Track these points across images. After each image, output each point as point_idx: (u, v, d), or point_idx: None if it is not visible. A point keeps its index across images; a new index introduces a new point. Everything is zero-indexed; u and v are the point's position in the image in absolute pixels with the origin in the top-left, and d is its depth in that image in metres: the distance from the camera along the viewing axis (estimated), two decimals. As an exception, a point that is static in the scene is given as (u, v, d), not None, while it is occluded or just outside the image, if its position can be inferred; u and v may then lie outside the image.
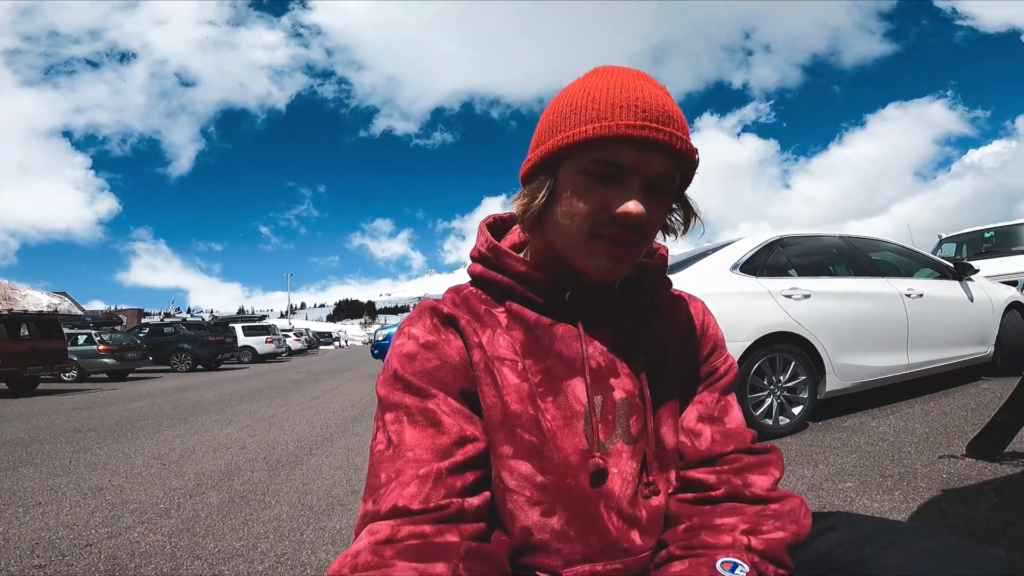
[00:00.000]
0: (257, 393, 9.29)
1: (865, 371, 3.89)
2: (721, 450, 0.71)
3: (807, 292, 3.76)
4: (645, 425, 0.70)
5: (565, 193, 0.66)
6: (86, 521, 2.78)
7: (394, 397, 0.65)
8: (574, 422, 0.67)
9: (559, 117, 0.66)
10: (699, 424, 0.73)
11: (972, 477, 2.39)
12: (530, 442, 0.66)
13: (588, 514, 0.66)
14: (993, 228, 8.94)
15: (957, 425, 3.35)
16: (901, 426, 3.49)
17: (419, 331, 0.70)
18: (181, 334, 18.46)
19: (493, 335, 0.70)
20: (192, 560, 2.24)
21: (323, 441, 4.70)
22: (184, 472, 3.74)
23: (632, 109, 0.62)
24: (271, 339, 23.55)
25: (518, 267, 0.72)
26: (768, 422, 3.56)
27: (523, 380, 0.68)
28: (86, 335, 14.37)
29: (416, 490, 0.58)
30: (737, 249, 3.92)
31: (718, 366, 0.79)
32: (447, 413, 0.64)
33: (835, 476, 2.64)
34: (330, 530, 2.54)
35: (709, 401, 0.76)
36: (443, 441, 0.62)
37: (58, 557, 2.32)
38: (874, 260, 4.56)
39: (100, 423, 6.23)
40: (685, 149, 0.64)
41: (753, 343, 3.47)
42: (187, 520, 2.73)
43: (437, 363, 0.67)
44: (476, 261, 0.77)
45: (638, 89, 0.64)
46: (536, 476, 0.65)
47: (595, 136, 0.62)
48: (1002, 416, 2.52)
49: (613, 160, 0.62)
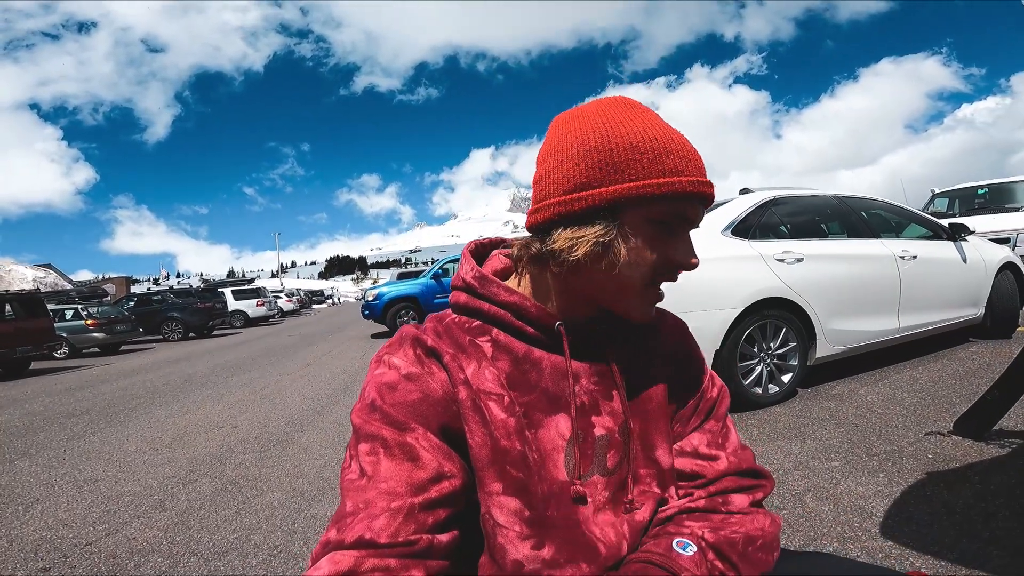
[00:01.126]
0: (249, 362, 9.30)
1: (856, 336, 3.89)
2: (736, 469, 0.76)
3: (800, 256, 3.71)
4: (623, 459, 0.72)
5: (631, 242, 0.65)
6: (84, 517, 2.80)
7: (370, 428, 0.63)
8: (555, 455, 0.69)
9: (619, 157, 0.64)
10: (712, 450, 0.77)
11: (957, 458, 2.41)
12: (517, 478, 0.66)
13: (576, 539, 0.67)
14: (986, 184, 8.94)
15: (945, 395, 3.38)
16: (889, 395, 3.52)
17: (400, 361, 0.68)
18: (170, 303, 18.34)
19: (479, 368, 0.69)
20: (188, 556, 2.26)
21: (314, 415, 4.72)
22: (176, 458, 3.75)
23: (692, 163, 0.66)
24: (262, 302, 23.43)
25: (505, 296, 0.72)
26: (758, 390, 3.57)
27: (509, 415, 0.67)
28: (73, 310, 14.22)
29: (385, 523, 0.57)
30: (730, 210, 3.84)
31: (711, 392, 0.81)
32: (426, 448, 0.63)
33: (822, 453, 2.67)
34: (321, 517, 2.56)
35: (716, 429, 0.79)
36: (420, 476, 0.61)
37: (61, 559, 2.35)
38: (868, 219, 4.49)
39: (93, 404, 6.23)
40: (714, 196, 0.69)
41: (744, 310, 3.44)
42: (181, 512, 2.74)
43: (418, 396, 0.65)
44: (460, 290, 0.76)
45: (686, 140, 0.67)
46: (524, 511, 0.66)
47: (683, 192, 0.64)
48: (992, 394, 2.52)
49: (688, 215, 0.66)
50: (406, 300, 11.74)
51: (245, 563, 2.17)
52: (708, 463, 0.76)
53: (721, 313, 3.40)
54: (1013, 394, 2.43)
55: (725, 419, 0.81)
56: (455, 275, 0.77)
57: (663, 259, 0.66)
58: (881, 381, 3.90)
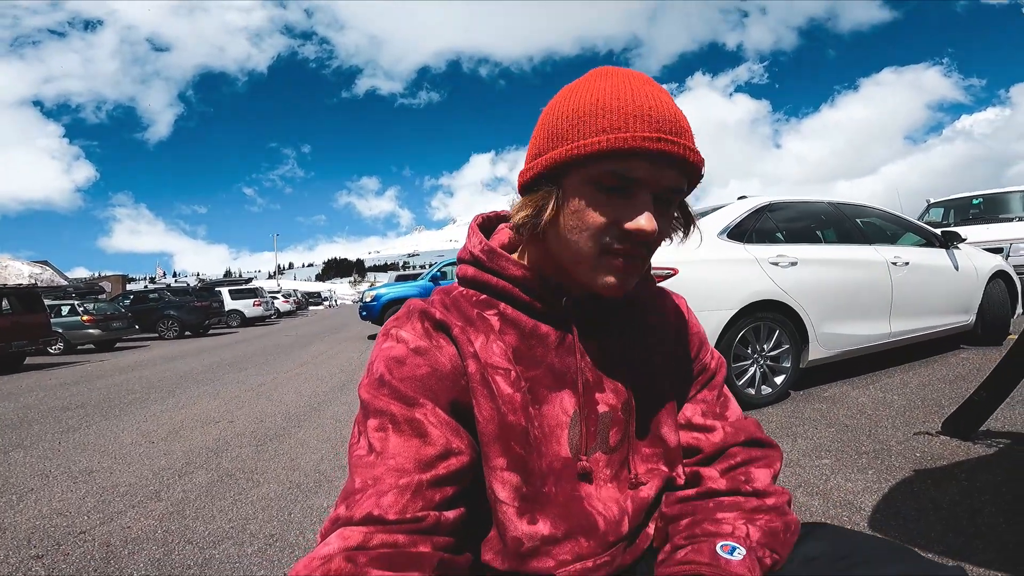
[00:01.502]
0: (245, 360, 9.29)
1: (848, 340, 3.94)
2: (734, 440, 0.75)
3: (794, 260, 3.76)
4: (625, 435, 0.73)
5: (572, 206, 0.64)
6: (78, 507, 2.80)
7: (379, 403, 0.63)
8: (558, 431, 0.69)
9: (565, 124, 0.63)
10: (708, 420, 0.77)
11: (945, 457, 2.45)
12: (519, 454, 0.66)
13: (574, 515, 0.68)
14: (981, 195, 9.01)
15: (934, 398, 3.43)
16: (880, 398, 3.57)
17: (408, 334, 0.67)
18: (166, 300, 18.28)
19: (487, 341, 0.69)
20: (183, 545, 2.27)
21: (311, 411, 4.73)
22: (172, 450, 3.76)
23: (646, 120, 0.60)
24: (259, 302, 23.39)
25: (514, 270, 0.71)
26: (751, 391, 3.61)
27: (515, 390, 0.68)
28: (69, 306, 14.16)
29: (394, 500, 0.57)
30: (726, 214, 3.89)
31: (708, 363, 0.82)
32: (434, 424, 0.62)
33: (813, 452, 2.71)
34: (318, 508, 2.58)
35: (711, 399, 0.79)
36: (428, 452, 0.61)
37: (54, 546, 2.35)
38: (862, 226, 4.56)
39: (88, 399, 6.22)
40: (696, 161, 0.63)
41: (739, 311, 3.49)
42: (176, 502, 2.75)
43: (427, 370, 0.65)
44: (467, 263, 0.75)
45: (651, 98, 0.62)
46: (523, 488, 0.66)
47: (609, 148, 0.60)
48: (979, 395, 2.56)
49: (627, 174, 0.61)
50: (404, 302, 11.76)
51: (240, 551, 2.19)
52: (704, 435, 0.76)
53: (716, 314, 3.44)
54: (999, 395, 2.47)
55: (722, 388, 0.81)
56: (462, 248, 0.77)
57: (608, 223, 0.62)
58: (872, 384, 3.94)
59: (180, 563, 2.12)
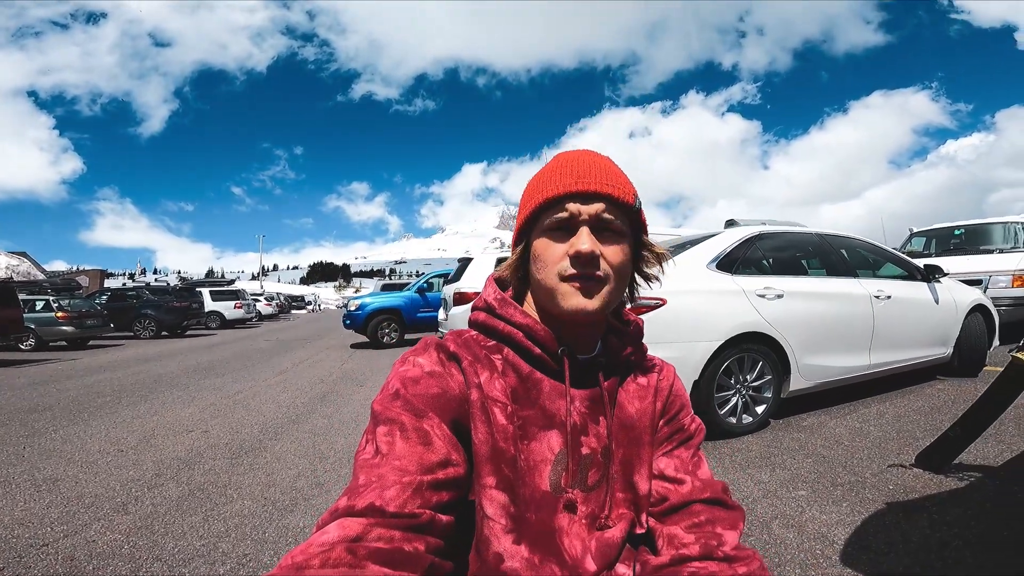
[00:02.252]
0: (223, 365, 9.14)
1: (828, 371, 3.99)
2: (700, 495, 0.81)
3: (780, 292, 3.81)
4: (602, 478, 0.80)
5: (535, 252, 0.78)
6: (41, 517, 2.71)
7: (391, 413, 0.69)
8: (542, 467, 0.76)
9: (526, 194, 0.81)
10: (679, 474, 0.83)
11: (917, 490, 2.48)
12: (508, 476, 0.73)
13: (549, 544, 0.74)
14: (962, 225, 9.19)
15: (909, 430, 3.48)
16: (856, 428, 3.61)
17: (425, 361, 0.76)
18: (145, 299, 17.95)
19: (490, 377, 0.77)
20: (152, 562, 2.20)
21: (289, 423, 4.65)
22: (142, 461, 3.67)
23: (573, 173, 0.76)
24: (240, 304, 23.09)
25: (520, 318, 0.81)
26: (732, 420, 3.64)
27: (509, 422, 0.75)
28: (44, 301, 13.84)
29: (396, 494, 0.61)
30: (716, 243, 3.95)
31: (687, 424, 0.88)
32: (439, 436, 0.69)
33: (790, 482, 2.73)
34: (292, 528, 2.52)
35: (685, 456, 0.85)
36: (431, 458, 0.66)
37: (15, 559, 2.27)
38: (848, 258, 4.64)
39: (56, 401, 6.07)
40: (617, 194, 0.76)
41: (725, 342, 3.52)
42: (145, 516, 2.68)
43: (438, 391, 0.73)
44: (480, 310, 0.85)
45: (578, 159, 0.78)
46: (510, 507, 0.73)
47: (544, 200, 0.77)
48: (954, 430, 2.61)
49: (561, 214, 0.75)
50: (389, 312, 11.63)
51: (211, 570, 2.13)
52: (674, 486, 0.82)
53: (702, 345, 3.47)
54: (973, 432, 2.52)
55: (697, 450, 0.87)
56: (478, 297, 0.87)
57: (559, 256, 0.75)
58: (850, 414, 3.99)
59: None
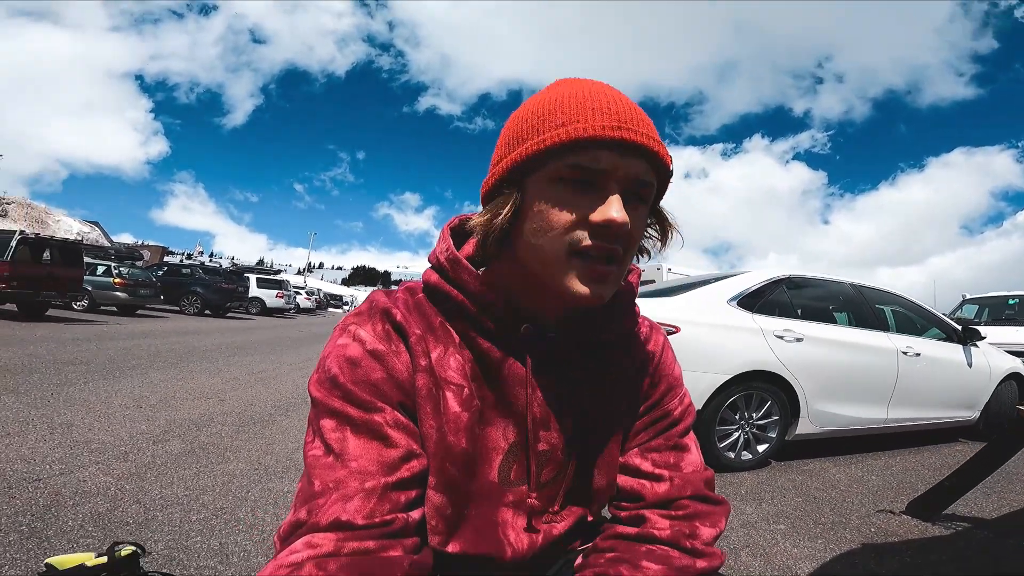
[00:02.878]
0: (254, 346, 9.46)
1: (840, 419, 3.88)
2: (678, 495, 0.71)
3: (800, 336, 3.74)
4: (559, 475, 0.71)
5: (535, 207, 0.60)
6: (44, 456, 2.86)
7: (333, 403, 0.61)
8: (492, 455, 0.68)
9: (523, 127, 0.61)
10: (657, 469, 0.72)
11: (899, 535, 2.41)
12: (450, 475, 0.65)
13: (487, 540, 0.68)
14: (1018, 295, 8.84)
15: (911, 483, 3.35)
16: (858, 476, 3.49)
17: (367, 335, 0.64)
18: (196, 277, 18.75)
19: (444, 353, 0.66)
20: (131, 504, 2.32)
21: (302, 403, 4.80)
22: (156, 417, 3.86)
23: (606, 112, 0.58)
24: (282, 294, 23.79)
25: (474, 286, 0.66)
26: (731, 455, 3.57)
27: (464, 409, 0.65)
28: (105, 267, 14.59)
29: (360, 504, 0.55)
30: (741, 281, 3.93)
31: (672, 409, 0.76)
32: (392, 426, 0.61)
33: (772, 516, 2.66)
34: (276, 492, 2.62)
35: (664, 447, 0.74)
36: (390, 455, 0.59)
37: (3, 488, 2.39)
38: (881, 312, 4.54)
39: (93, 357, 6.41)
40: (662, 153, 0.60)
41: (732, 378, 3.48)
42: (142, 465, 2.82)
43: (381, 375, 0.62)
44: (433, 268, 0.70)
45: (609, 95, 0.60)
46: (446, 508, 0.65)
47: (569, 139, 0.57)
48: (950, 480, 2.53)
49: (590, 164, 0.57)
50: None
51: (184, 517, 2.23)
52: (650, 483, 0.72)
53: (708, 377, 3.44)
54: (968, 482, 2.43)
55: (681, 437, 0.76)
56: (431, 251, 0.72)
57: (575, 221, 0.58)
58: (855, 464, 3.87)
59: (119, 520, 2.17)
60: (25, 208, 30.67)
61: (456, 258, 0.67)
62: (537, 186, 0.60)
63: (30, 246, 10.83)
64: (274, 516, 2.35)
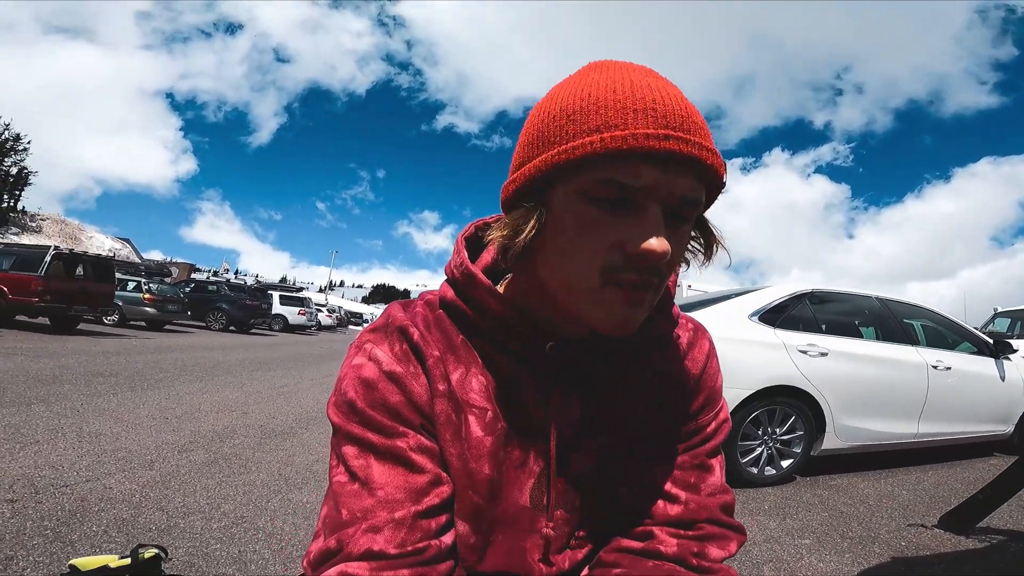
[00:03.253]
0: (276, 362, 9.60)
1: (868, 435, 3.80)
2: (693, 518, 0.65)
3: (824, 350, 3.68)
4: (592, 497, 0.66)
5: (561, 225, 0.52)
6: (72, 463, 2.93)
7: (352, 429, 0.58)
8: (524, 479, 0.63)
9: (550, 126, 0.53)
10: (674, 489, 0.67)
11: (931, 548, 2.33)
12: (474, 503, 0.62)
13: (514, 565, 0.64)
14: None
15: (944, 496, 3.25)
16: (887, 491, 3.39)
17: (383, 355, 0.61)
18: (222, 294, 19.14)
19: (466, 374, 0.62)
20: (154, 511, 2.37)
21: (322, 418, 4.83)
22: (182, 428, 3.94)
23: (650, 114, 0.49)
24: (304, 311, 24.16)
25: (491, 304, 0.61)
26: (753, 471, 3.51)
27: (487, 433, 0.61)
28: (136, 282, 14.97)
29: (391, 535, 0.53)
30: (762, 296, 3.88)
31: (706, 424, 0.70)
32: (415, 451, 0.58)
33: (797, 532, 2.59)
34: (296, 502, 2.65)
35: (688, 465, 0.68)
36: (418, 481, 0.56)
37: (31, 493, 2.45)
38: (909, 326, 4.46)
39: (122, 370, 6.56)
40: (716, 164, 0.51)
41: (754, 393, 3.44)
42: (166, 474, 2.88)
43: (400, 398, 0.59)
44: (449, 283, 0.65)
45: (654, 89, 0.50)
46: (470, 538, 0.62)
47: (605, 151, 0.48)
48: (984, 493, 2.46)
49: (629, 181, 0.48)
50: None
51: (205, 525, 2.27)
52: (664, 503, 0.67)
53: (729, 392, 3.39)
54: (1003, 494, 2.34)
55: (708, 457, 0.69)
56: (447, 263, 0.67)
57: (609, 247, 0.50)
58: (885, 479, 3.76)
59: (143, 526, 2.21)
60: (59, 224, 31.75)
61: (471, 273, 0.61)
62: (564, 200, 0.52)
63: (64, 261, 11.15)
64: (293, 526, 2.37)
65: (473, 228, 0.69)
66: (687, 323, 0.71)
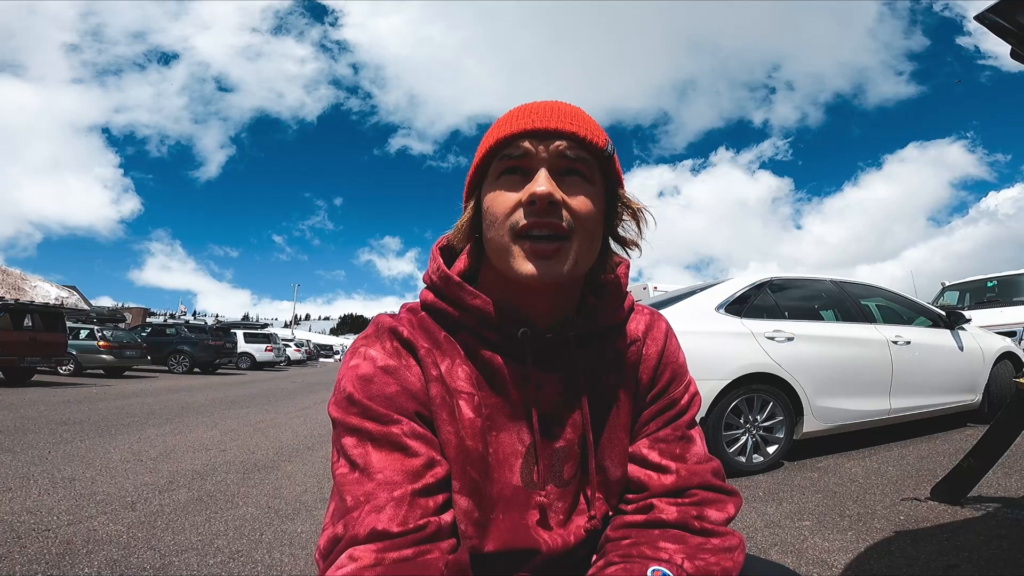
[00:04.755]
0: (248, 399, 9.31)
1: (844, 414, 3.90)
2: (686, 485, 0.71)
3: (790, 335, 3.79)
4: (580, 470, 0.72)
5: (486, 203, 0.67)
6: (50, 508, 2.80)
7: (351, 421, 0.63)
8: (512, 459, 0.69)
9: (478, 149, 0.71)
10: (664, 460, 0.72)
11: (930, 520, 2.39)
12: (473, 479, 0.67)
13: (519, 540, 0.68)
14: (996, 277, 8.98)
15: (930, 469, 3.35)
16: (874, 468, 3.48)
17: (377, 353, 0.68)
18: (182, 336, 18.50)
19: (452, 365, 0.69)
20: (145, 550, 2.26)
21: (304, 449, 4.72)
22: (159, 469, 3.77)
23: (528, 113, 0.66)
24: (271, 347, 23.57)
25: (470, 300, 0.70)
26: (741, 459, 3.56)
27: (477, 415, 0.68)
28: (88, 330, 14.39)
29: (392, 513, 0.57)
30: (724, 289, 3.99)
31: (678, 397, 0.77)
32: (410, 436, 0.63)
33: (795, 514, 2.64)
34: (290, 533, 2.56)
35: (672, 437, 0.74)
36: (413, 463, 0.61)
37: (14, 539, 2.35)
38: (865, 306, 4.61)
39: (86, 417, 6.27)
40: (582, 133, 0.65)
41: (731, 382, 3.50)
42: (150, 514, 2.75)
43: (396, 388, 0.65)
44: (428, 288, 0.74)
45: (545, 103, 0.68)
46: (473, 512, 0.66)
47: (496, 140, 0.66)
48: (968, 461, 2.54)
49: (514, 153, 0.65)
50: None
51: (201, 562, 2.17)
52: (657, 475, 0.72)
53: (707, 384, 3.45)
54: (987, 461, 2.43)
55: (687, 427, 0.76)
56: (425, 272, 0.76)
57: (512, 205, 0.64)
58: (869, 457, 3.86)
59: (136, 566, 2.11)
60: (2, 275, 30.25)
61: (447, 275, 0.71)
62: (486, 188, 0.68)
63: (10, 313, 10.76)
64: (291, 556, 2.29)
65: (445, 240, 0.77)
66: (643, 310, 0.81)
